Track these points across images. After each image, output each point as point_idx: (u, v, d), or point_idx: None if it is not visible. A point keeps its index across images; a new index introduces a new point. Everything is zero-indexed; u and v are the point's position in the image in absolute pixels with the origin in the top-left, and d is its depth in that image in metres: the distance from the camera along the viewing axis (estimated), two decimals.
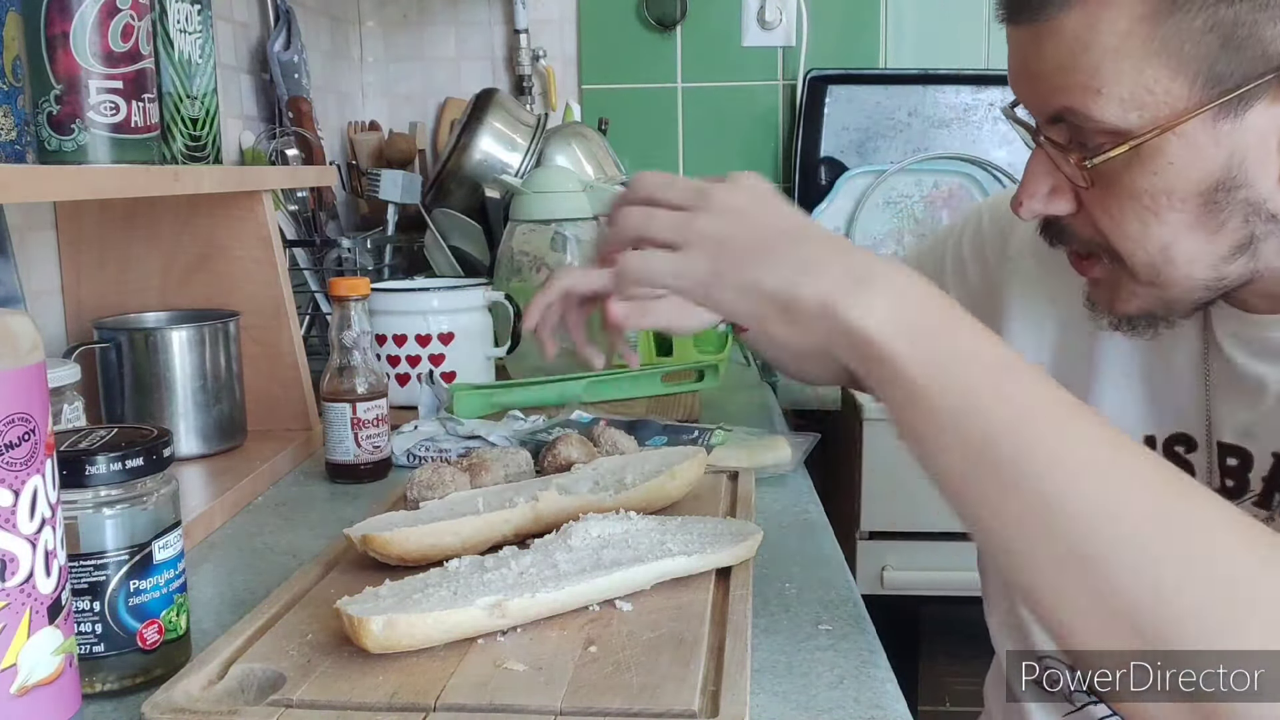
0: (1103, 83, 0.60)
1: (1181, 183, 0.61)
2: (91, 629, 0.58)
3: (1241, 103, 0.59)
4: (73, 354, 0.96)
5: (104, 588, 0.58)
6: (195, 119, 0.99)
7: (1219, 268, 0.64)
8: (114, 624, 0.58)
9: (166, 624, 0.60)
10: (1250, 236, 0.63)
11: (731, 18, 2.13)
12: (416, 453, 1.05)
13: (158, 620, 0.60)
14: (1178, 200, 0.62)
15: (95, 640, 0.58)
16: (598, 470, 0.84)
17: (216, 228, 1.10)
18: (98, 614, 0.58)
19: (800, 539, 0.83)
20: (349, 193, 1.88)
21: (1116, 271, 0.67)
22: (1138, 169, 0.62)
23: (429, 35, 2.16)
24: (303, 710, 0.53)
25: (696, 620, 0.63)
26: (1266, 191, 0.62)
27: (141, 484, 0.59)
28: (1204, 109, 0.59)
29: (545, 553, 0.68)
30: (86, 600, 0.57)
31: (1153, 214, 0.63)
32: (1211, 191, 0.61)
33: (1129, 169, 0.62)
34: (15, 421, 0.46)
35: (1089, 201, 0.65)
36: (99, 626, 0.58)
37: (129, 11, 0.81)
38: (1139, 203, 0.63)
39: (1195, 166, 0.61)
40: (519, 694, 0.54)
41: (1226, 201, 0.62)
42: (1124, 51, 0.59)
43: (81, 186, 0.80)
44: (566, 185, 1.45)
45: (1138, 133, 0.60)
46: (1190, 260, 0.64)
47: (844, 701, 0.58)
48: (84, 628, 0.57)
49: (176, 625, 0.61)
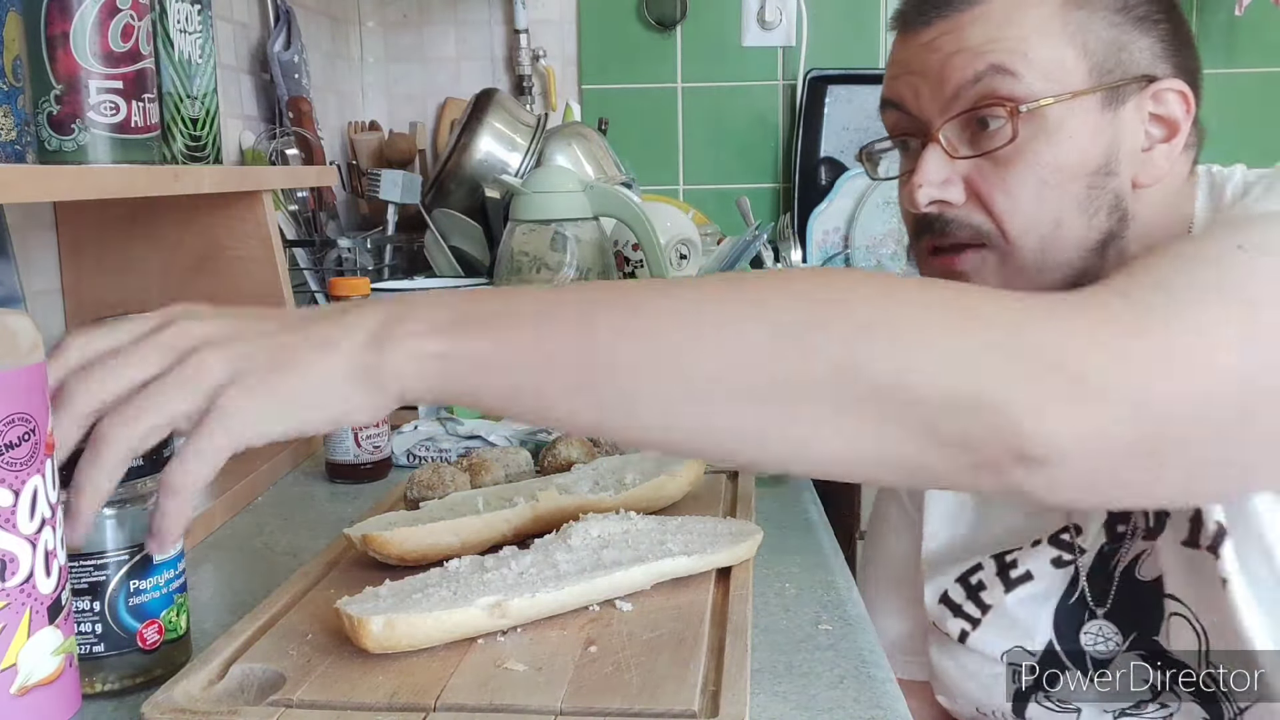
0: (1029, 49, 0.69)
1: (1077, 156, 0.70)
2: (92, 629, 0.58)
3: (1119, 97, 0.70)
4: None
5: (104, 588, 0.58)
6: (195, 119, 0.99)
7: (1086, 258, 0.71)
8: (114, 624, 0.58)
9: (166, 624, 0.60)
10: (1110, 232, 0.72)
11: (731, 18, 2.13)
12: (416, 453, 1.05)
13: (158, 620, 0.60)
14: (1069, 175, 0.70)
15: (95, 640, 0.58)
16: (598, 470, 0.84)
17: (216, 228, 1.10)
18: (98, 614, 0.58)
19: (800, 539, 0.83)
20: (349, 193, 1.88)
21: (993, 260, 0.72)
22: (1042, 139, 0.70)
23: (429, 35, 2.16)
24: (303, 710, 0.53)
25: (696, 620, 0.62)
26: (1126, 189, 0.72)
27: (141, 484, 0.58)
28: (1095, 91, 0.69)
29: (545, 553, 0.68)
30: (87, 600, 0.57)
31: (1048, 187, 0.70)
32: (1095, 172, 0.70)
33: (1033, 140, 0.70)
34: (15, 421, 0.46)
35: (985, 184, 0.72)
36: (99, 626, 0.58)
37: (129, 11, 0.81)
38: (1038, 175, 0.70)
39: (1089, 141, 0.70)
40: (519, 694, 0.54)
41: (1103, 187, 0.71)
42: (1045, 31, 0.69)
43: (81, 186, 0.79)
44: (566, 185, 1.45)
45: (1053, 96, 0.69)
46: (1070, 243, 0.71)
47: (844, 701, 0.57)
48: (84, 628, 0.57)
49: (176, 625, 0.61)
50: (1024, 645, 0.82)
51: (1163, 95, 0.72)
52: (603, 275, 1.44)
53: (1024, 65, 0.69)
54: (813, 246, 2.04)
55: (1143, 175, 0.72)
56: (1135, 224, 0.73)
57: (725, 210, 2.05)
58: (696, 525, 0.73)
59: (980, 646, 0.84)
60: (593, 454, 0.91)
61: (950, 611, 0.85)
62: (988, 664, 0.84)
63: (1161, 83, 0.72)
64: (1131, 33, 0.71)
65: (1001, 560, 0.83)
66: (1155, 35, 0.72)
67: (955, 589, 0.85)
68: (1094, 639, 0.80)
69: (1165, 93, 0.72)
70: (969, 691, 0.87)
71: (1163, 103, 0.72)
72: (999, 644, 0.83)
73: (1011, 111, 0.69)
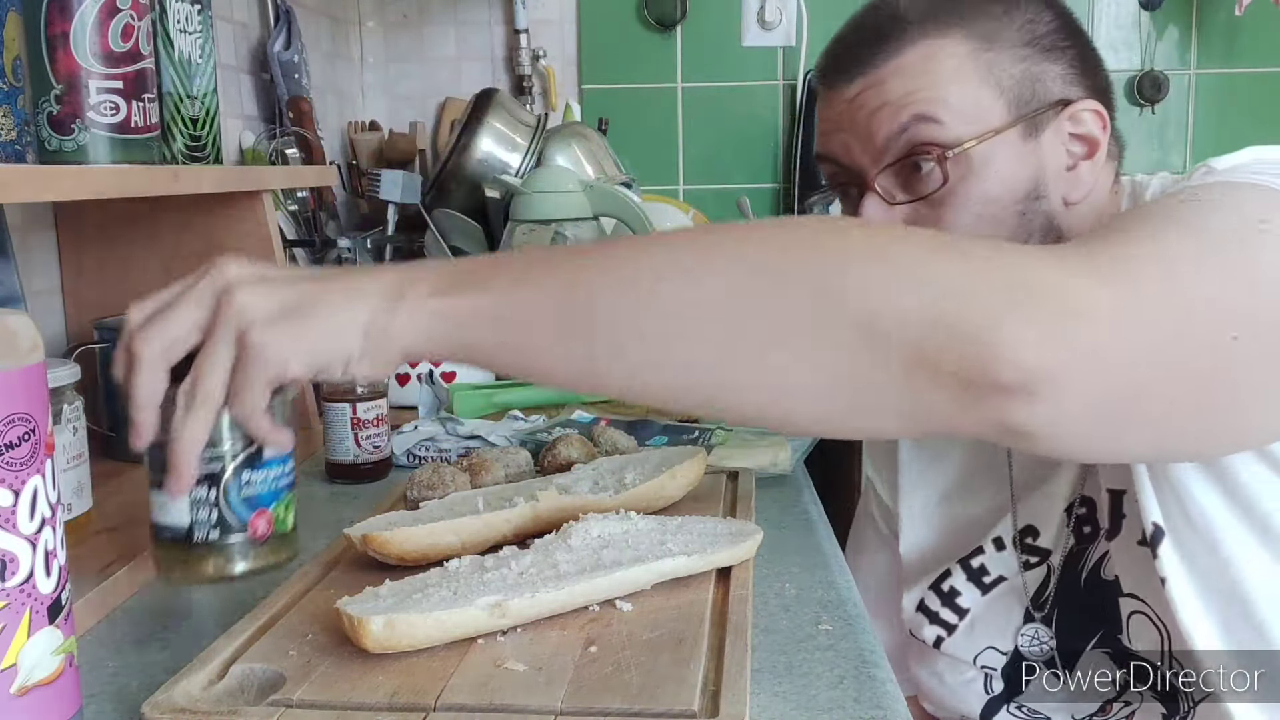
0: (948, 96, 0.73)
1: (1006, 189, 0.73)
2: (208, 515, 0.61)
3: (1038, 126, 0.74)
4: (73, 354, 0.96)
5: (219, 478, 0.60)
6: (195, 119, 0.99)
7: None
8: (228, 511, 0.61)
9: (276, 517, 0.63)
10: None
11: (731, 18, 2.13)
12: (416, 453, 1.05)
13: (268, 512, 0.62)
14: (1001, 208, 0.74)
15: (211, 526, 0.61)
16: (598, 470, 0.84)
17: (216, 228, 1.10)
18: (213, 501, 0.60)
19: (800, 539, 0.83)
20: (349, 193, 1.88)
21: None
22: (971, 179, 0.73)
23: (429, 35, 2.16)
24: (303, 710, 0.53)
25: (696, 620, 0.63)
26: (1058, 209, 0.75)
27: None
28: (1015, 124, 0.73)
29: (545, 553, 0.68)
30: (204, 488, 0.60)
31: (985, 221, 0.74)
32: (1025, 200, 0.74)
33: (963, 181, 0.73)
34: (15, 421, 0.47)
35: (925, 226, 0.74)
36: (214, 514, 0.61)
37: (129, 11, 0.81)
38: (970, 213, 0.74)
39: (1015, 174, 0.73)
40: (519, 694, 0.54)
41: (1034, 212, 0.74)
42: (960, 77, 0.73)
43: (81, 186, 0.79)
44: (566, 185, 1.45)
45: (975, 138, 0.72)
46: None
47: (844, 701, 0.58)
48: (200, 514, 0.60)
49: (285, 521, 0.64)
50: (996, 646, 0.84)
51: (1079, 115, 0.76)
52: None
53: (945, 111, 0.73)
54: None
55: (1071, 193, 0.76)
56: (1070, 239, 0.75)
57: (725, 210, 2.05)
58: (696, 525, 0.73)
59: (954, 651, 0.87)
60: (593, 454, 0.91)
61: (927, 619, 0.88)
62: (961, 669, 0.87)
63: (1077, 104, 0.76)
64: (1041, 63, 0.75)
65: (969, 565, 0.86)
66: (1065, 62, 0.76)
67: (930, 596, 0.88)
68: (1029, 640, 0.83)
69: (1081, 113, 0.76)
70: (944, 700, 0.89)
71: (1080, 122, 0.76)
72: (971, 648, 0.86)
73: (939, 157, 0.73)
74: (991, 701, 0.86)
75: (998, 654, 0.85)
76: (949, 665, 0.88)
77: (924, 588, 0.88)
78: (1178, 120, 2.20)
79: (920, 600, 0.89)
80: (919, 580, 0.89)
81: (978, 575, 0.86)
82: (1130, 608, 0.77)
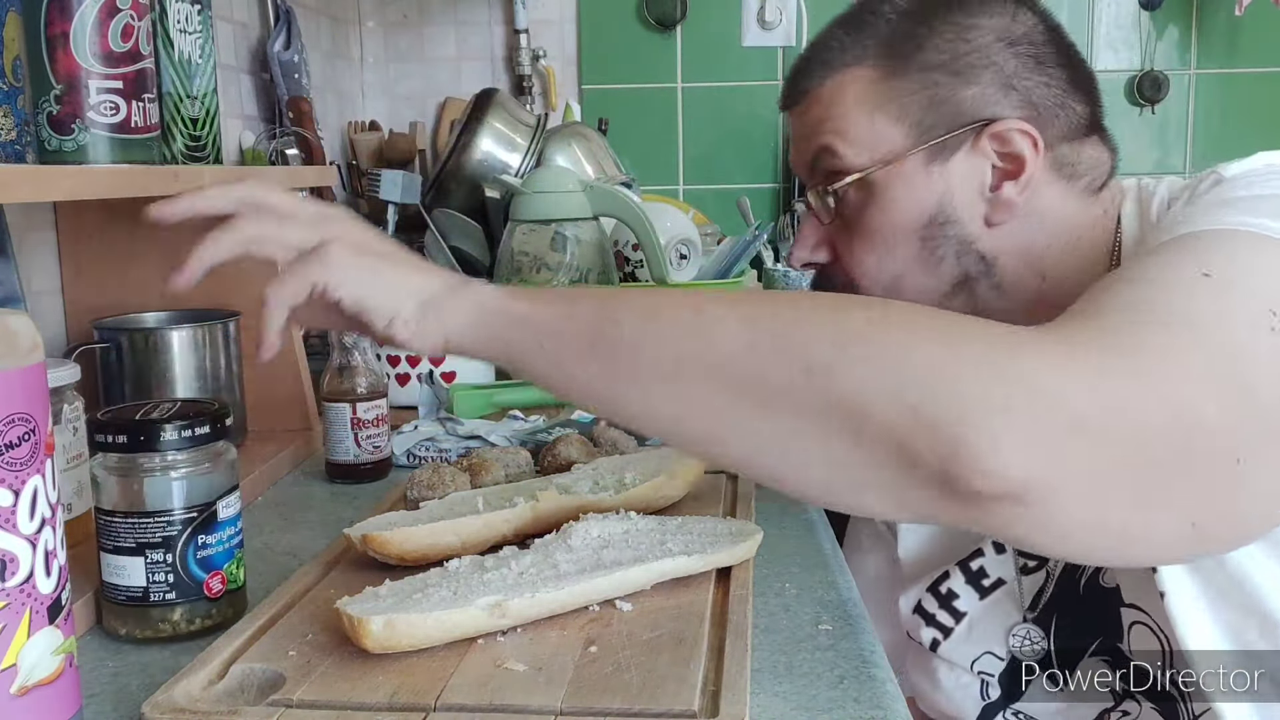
0: (848, 126, 0.75)
1: (904, 217, 0.74)
2: (164, 579, 0.65)
3: (945, 150, 0.74)
4: (73, 354, 0.96)
5: (174, 542, 0.65)
6: (195, 119, 0.99)
7: (943, 303, 0.75)
8: (184, 574, 0.65)
9: (229, 575, 0.67)
10: (965, 274, 0.75)
11: (731, 18, 2.13)
12: (416, 453, 1.05)
13: (221, 571, 0.67)
14: (902, 235, 0.74)
15: (167, 589, 0.65)
16: (598, 470, 0.84)
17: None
18: (170, 565, 0.65)
19: (800, 539, 0.83)
20: (349, 193, 1.88)
21: None
22: (872, 206, 0.75)
23: (429, 35, 2.16)
24: (303, 710, 0.53)
25: (696, 620, 0.63)
26: (975, 231, 0.75)
27: (207, 450, 0.66)
28: (916, 150, 0.73)
29: (545, 553, 0.68)
30: (160, 553, 0.65)
31: (885, 248, 0.75)
32: (928, 226, 0.74)
33: (865, 208, 0.75)
34: (15, 421, 0.46)
35: (839, 246, 0.78)
36: (171, 576, 0.65)
37: (129, 11, 0.81)
38: (873, 239, 0.76)
39: (914, 201, 0.74)
40: (519, 694, 0.54)
41: (941, 237, 0.74)
42: (861, 105, 0.74)
43: (81, 186, 0.79)
44: (566, 185, 1.45)
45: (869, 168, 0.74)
46: (918, 292, 0.75)
47: (844, 701, 0.58)
48: (157, 577, 0.65)
49: (236, 577, 0.68)
50: (994, 651, 0.84)
51: (1004, 135, 0.73)
52: (603, 275, 1.44)
53: (842, 143, 0.75)
54: None
55: (994, 215, 0.74)
56: (1006, 259, 0.75)
57: (725, 210, 2.05)
58: (696, 525, 0.73)
59: (951, 655, 0.87)
60: (593, 454, 0.91)
61: (924, 621, 0.88)
62: (957, 673, 0.87)
63: (998, 124, 0.73)
64: (951, 85, 0.73)
65: (968, 568, 0.86)
66: (984, 81, 0.73)
67: (928, 599, 0.88)
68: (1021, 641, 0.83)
69: (1008, 133, 0.73)
70: (940, 705, 0.89)
71: (1006, 143, 0.73)
72: (969, 652, 0.86)
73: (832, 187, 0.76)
74: (988, 707, 0.86)
75: (995, 659, 0.85)
76: (946, 669, 0.88)
77: (922, 589, 0.88)
78: (1178, 120, 2.20)
79: (918, 602, 0.88)
80: (917, 581, 0.89)
81: (976, 578, 0.85)
82: (1131, 618, 0.76)
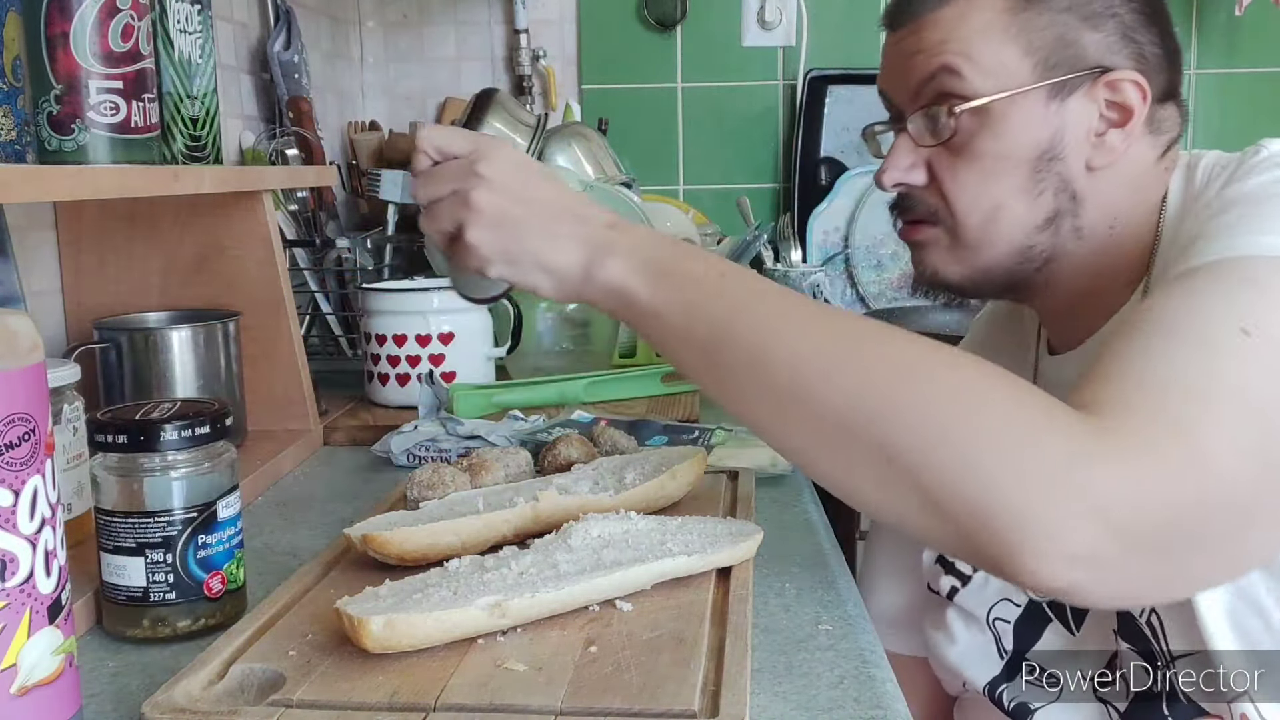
0: (973, 51, 0.75)
1: (1017, 148, 0.76)
2: (164, 579, 0.65)
3: (1066, 89, 0.75)
4: (73, 354, 0.96)
5: (174, 542, 0.64)
6: (195, 119, 0.99)
7: (1031, 236, 0.77)
8: (184, 574, 0.65)
9: (229, 575, 0.67)
10: (1057, 211, 0.77)
11: (731, 18, 2.13)
12: (416, 453, 1.05)
13: (221, 572, 0.66)
14: (1011, 164, 0.76)
15: (167, 589, 0.65)
16: (598, 470, 0.84)
17: (216, 228, 1.10)
18: (170, 565, 0.64)
19: (800, 539, 0.83)
20: (349, 193, 1.88)
21: (945, 237, 0.80)
22: (986, 132, 0.76)
23: (429, 35, 2.16)
24: (303, 710, 0.54)
25: (696, 620, 0.63)
26: (1076, 172, 0.76)
27: (207, 450, 0.66)
28: (1039, 85, 0.75)
29: (545, 553, 0.68)
30: (160, 553, 0.64)
31: (993, 175, 0.76)
32: (1037, 160, 0.76)
33: (978, 133, 0.76)
34: (15, 421, 0.46)
35: (940, 170, 0.79)
36: (171, 576, 0.64)
37: (129, 11, 0.81)
38: (982, 164, 0.77)
39: (1029, 134, 0.75)
40: (519, 694, 0.54)
41: (1046, 171, 0.76)
42: (988, 34, 0.75)
43: (81, 186, 0.79)
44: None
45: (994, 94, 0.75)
46: (1013, 223, 0.77)
47: (844, 701, 0.58)
48: (157, 578, 0.65)
49: (236, 577, 0.68)
50: (1010, 598, 0.86)
51: (1118, 85, 0.76)
52: None
53: (968, 65, 0.76)
54: (812, 247, 2.04)
55: (1096, 158, 0.77)
56: (1091, 203, 0.77)
57: (725, 210, 2.05)
58: (696, 525, 0.73)
59: (967, 604, 0.87)
60: (593, 454, 0.91)
61: (944, 569, 0.89)
62: (973, 630, 0.87)
63: (1115, 73, 0.76)
64: (1079, 29, 0.76)
65: None
66: (1108, 30, 0.76)
67: None
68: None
69: (1121, 82, 0.76)
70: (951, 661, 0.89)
71: (1118, 91, 0.76)
72: (985, 600, 0.86)
73: (954, 108, 0.76)
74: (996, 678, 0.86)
75: (1011, 605, 0.85)
76: (962, 624, 0.88)
77: None
78: None
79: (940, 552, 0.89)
80: None
81: None
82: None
